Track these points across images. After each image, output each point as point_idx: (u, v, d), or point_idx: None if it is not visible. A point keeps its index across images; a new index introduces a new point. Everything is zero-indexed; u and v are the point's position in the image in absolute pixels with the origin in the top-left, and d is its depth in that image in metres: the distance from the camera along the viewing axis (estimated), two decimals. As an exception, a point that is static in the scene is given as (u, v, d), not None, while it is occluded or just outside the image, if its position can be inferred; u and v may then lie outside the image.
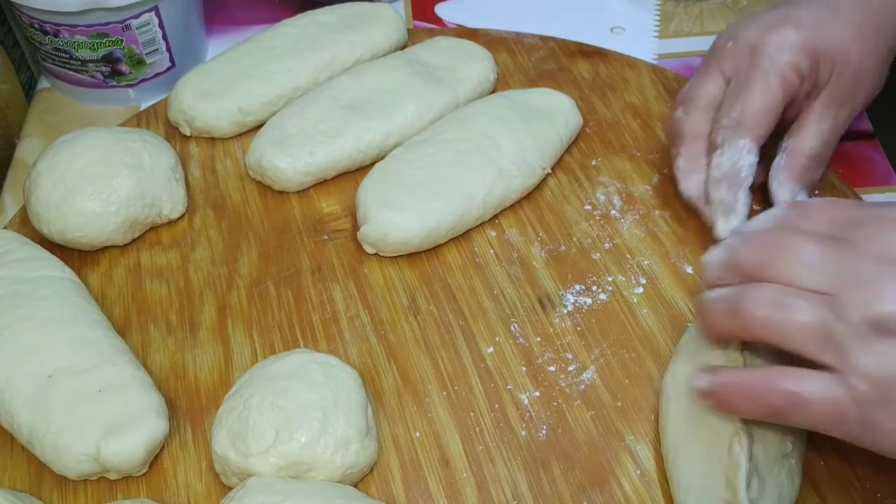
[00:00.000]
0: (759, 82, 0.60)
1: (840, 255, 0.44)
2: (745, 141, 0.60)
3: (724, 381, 0.47)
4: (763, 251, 0.47)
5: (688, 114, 0.64)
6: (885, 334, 0.42)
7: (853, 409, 0.43)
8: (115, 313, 0.64)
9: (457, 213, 0.66)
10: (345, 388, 0.54)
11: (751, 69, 0.61)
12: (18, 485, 0.56)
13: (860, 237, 0.44)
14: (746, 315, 0.46)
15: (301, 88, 0.75)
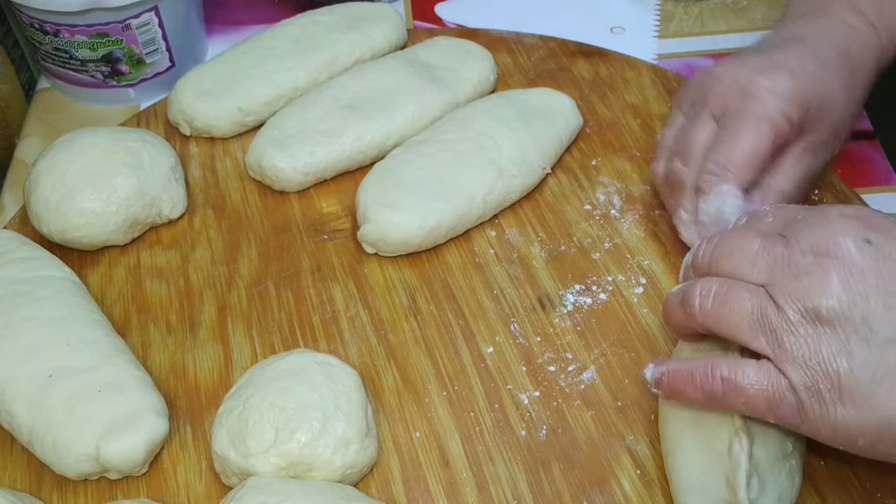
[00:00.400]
0: (749, 128, 0.58)
1: (779, 249, 0.47)
2: (728, 186, 0.58)
3: (667, 370, 0.50)
4: (714, 249, 0.50)
5: (686, 163, 0.62)
6: (818, 323, 0.44)
7: (788, 395, 0.45)
8: (114, 313, 0.64)
9: (457, 213, 0.66)
10: (345, 388, 0.54)
11: (740, 112, 0.59)
12: (18, 485, 0.56)
13: (798, 233, 0.47)
14: (693, 307, 0.49)
15: (301, 88, 0.75)
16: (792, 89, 0.58)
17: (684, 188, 0.61)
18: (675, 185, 0.62)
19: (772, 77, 0.59)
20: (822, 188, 0.69)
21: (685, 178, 0.61)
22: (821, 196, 0.68)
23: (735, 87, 0.60)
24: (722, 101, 0.60)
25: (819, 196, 0.68)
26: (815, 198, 0.68)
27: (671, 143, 0.64)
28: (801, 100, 0.58)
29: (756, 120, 0.58)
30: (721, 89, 0.61)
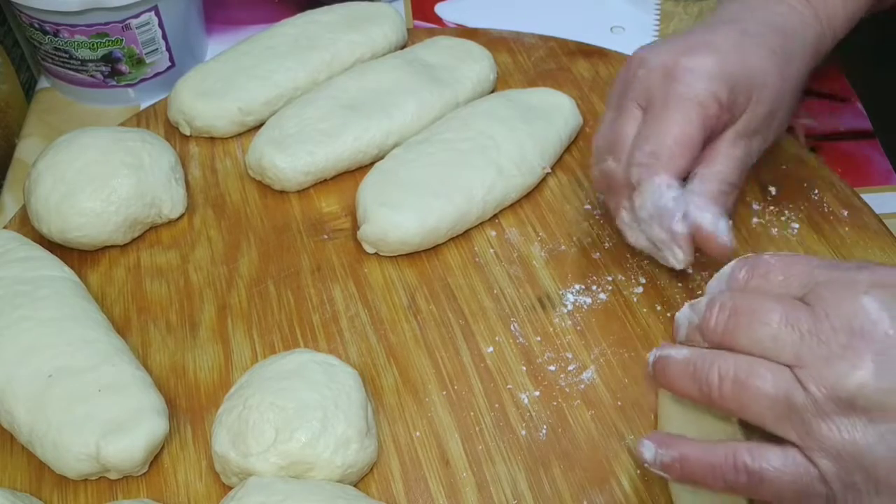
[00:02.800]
0: (676, 111, 0.55)
1: (805, 324, 0.42)
2: (661, 177, 0.55)
3: (680, 456, 0.45)
4: (728, 318, 0.44)
5: (618, 161, 0.58)
6: (851, 411, 0.40)
7: (818, 486, 0.41)
8: (114, 313, 0.64)
9: (457, 213, 0.66)
10: (345, 387, 0.54)
11: (665, 97, 0.56)
12: (18, 485, 0.56)
13: (824, 303, 0.42)
14: (712, 389, 0.44)
15: (301, 88, 0.75)
16: (716, 66, 0.56)
17: (619, 187, 0.58)
18: (610, 185, 0.59)
19: (694, 56, 0.56)
20: (822, 188, 0.69)
21: (617, 175, 0.58)
22: (821, 196, 0.68)
23: (658, 71, 0.57)
24: (645, 87, 0.57)
25: (819, 196, 0.68)
26: (815, 198, 0.68)
27: (603, 143, 0.60)
28: (727, 76, 0.56)
29: (681, 102, 0.55)
30: (644, 75, 0.58)
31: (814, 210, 0.68)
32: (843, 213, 0.67)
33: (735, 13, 0.61)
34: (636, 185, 0.56)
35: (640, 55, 0.59)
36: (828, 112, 0.78)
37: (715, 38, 0.57)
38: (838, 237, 0.66)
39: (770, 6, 0.60)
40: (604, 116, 0.62)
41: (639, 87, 0.58)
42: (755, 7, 0.60)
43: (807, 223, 0.67)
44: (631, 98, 0.58)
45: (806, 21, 0.60)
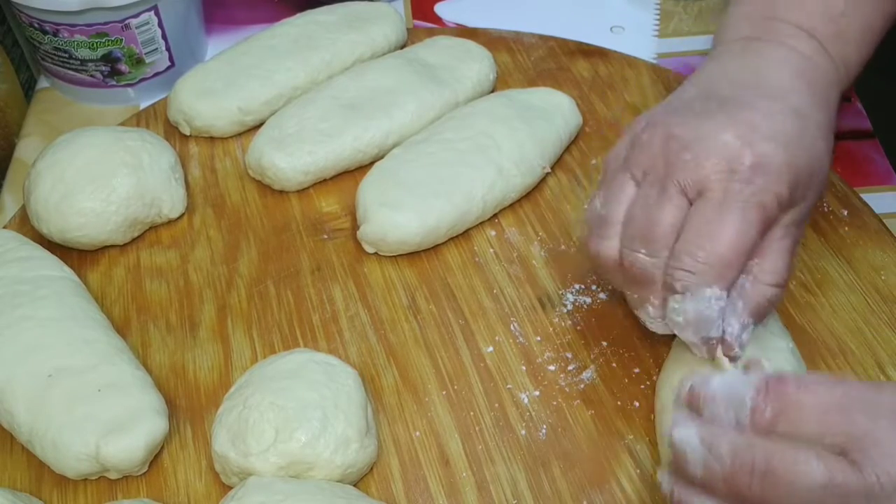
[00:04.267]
0: (735, 215, 0.48)
1: (852, 485, 0.37)
2: (713, 290, 0.49)
3: None
4: (763, 479, 0.39)
5: (655, 255, 0.50)
6: None
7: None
8: (114, 313, 0.64)
9: (456, 213, 0.66)
10: (345, 387, 0.54)
11: (724, 195, 0.48)
12: (18, 485, 0.56)
13: (872, 457, 0.38)
14: None
15: (301, 88, 0.75)
16: (780, 162, 0.49)
17: (652, 284, 0.51)
18: (640, 280, 0.51)
19: (756, 148, 0.49)
20: (821, 187, 0.69)
21: (654, 271, 0.50)
22: (820, 195, 0.68)
23: (714, 159, 0.49)
24: (696, 175, 0.49)
25: (819, 195, 0.68)
26: (814, 197, 0.68)
27: (622, 219, 0.52)
28: (793, 174, 0.49)
29: (743, 204, 0.48)
30: (691, 160, 0.49)
31: (814, 210, 0.68)
32: (843, 213, 0.67)
33: (756, 72, 0.54)
34: (679, 290, 0.49)
35: (678, 134, 0.51)
36: (828, 112, 0.78)
37: (773, 125, 0.50)
38: (838, 237, 0.66)
39: (793, 63, 0.54)
40: (617, 183, 0.53)
41: (685, 174, 0.49)
42: (779, 66, 0.54)
43: (807, 223, 0.67)
44: (673, 183, 0.50)
45: (830, 75, 0.55)
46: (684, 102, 0.53)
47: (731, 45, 0.57)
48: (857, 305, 0.62)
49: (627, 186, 0.53)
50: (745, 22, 0.58)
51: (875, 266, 0.64)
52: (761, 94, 0.52)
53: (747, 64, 0.55)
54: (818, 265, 0.64)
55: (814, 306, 0.62)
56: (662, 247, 0.50)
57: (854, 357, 0.59)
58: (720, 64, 0.56)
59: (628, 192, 0.52)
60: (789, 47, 0.55)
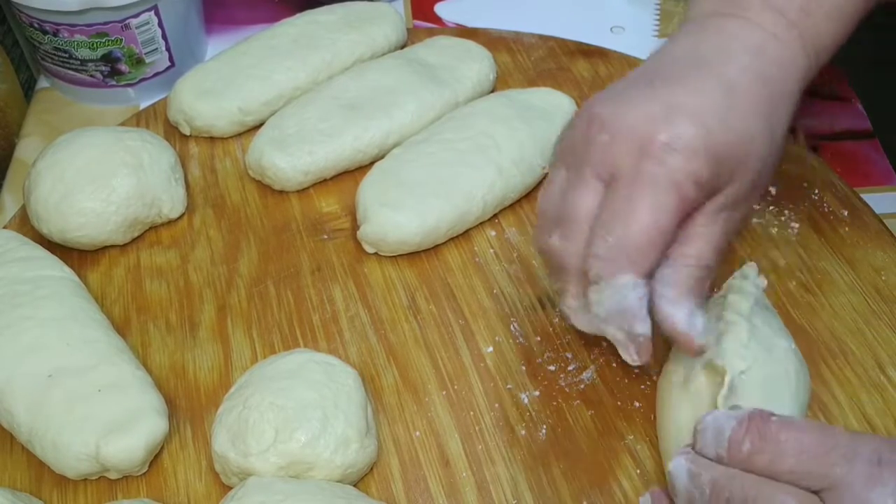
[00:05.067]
0: (647, 195, 0.46)
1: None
2: (627, 277, 0.46)
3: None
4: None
5: (567, 240, 0.48)
6: None
7: None
8: (114, 313, 0.64)
9: (456, 213, 0.66)
10: (345, 387, 0.54)
11: (635, 175, 0.46)
12: (18, 485, 0.56)
13: (841, 499, 0.38)
14: None
15: (301, 88, 0.75)
16: (699, 141, 0.46)
17: (567, 271, 0.49)
18: (556, 268, 0.50)
19: (672, 126, 0.46)
20: (821, 188, 0.69)
21: (567, 258, 0.49)
22: (821, 196, 0.68)
23: (626, 139, 0.47)
24: (609, 156, 0.47)
25: (819, 196, 0.68)
26: (815, 197, 0.68)
27: (550, 208, 0.51)
28: (711, 153, 0.46)
29: (655, 185, 0.46)
30: (606, 141, 0.47)
31: (814, 210, 0.68)
32: (843, 213, 0.67)
33: (704, 47, 0.50)
34: (593, 279, 0.47)
35: (598, 113, 0.48)
36: (828, 112, 0.78)
37: (696, 100, 0.47)
38: (838, 237, 0.66)
39: (749, 36, 0.50)
40: (552, 173, 0.52)
41: (600, 156, 0.48)
42: (731, 40, 0.50)
43: (807, 223, 0.67)
44: (589, 166, 0.48)
45: (793, 55, 0.51)
46: (623, 84, 0.51)
47: (692, 23, 0.53)
48: (858, 306, 0.62)
49: (558, 175, 0.51)
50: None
51: (875, 266, 0.64)
52: (694, 66, 0.49)
53: (700, 39, 0.51)
54: (818, 265, 0.64)
55: (814, 306, 0.62)
56: (575, 231, 0.48)
57: (854, 357, 0.59)
58: (673, 42, 0.53)
59: (558, 181, 0.51)
60: (751, 23, 0.51)
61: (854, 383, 0.58)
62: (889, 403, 0.57)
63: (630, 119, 0.47)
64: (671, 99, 0.47)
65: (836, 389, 0.58)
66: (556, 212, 0.50)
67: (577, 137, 0.50)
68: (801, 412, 0.52)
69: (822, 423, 0.42)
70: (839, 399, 0.58)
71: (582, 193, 0.48)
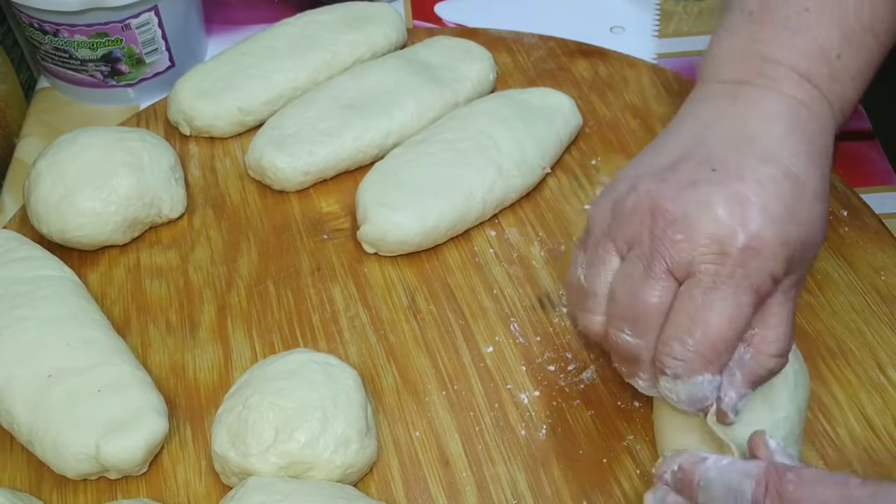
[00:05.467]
0: (727, 300, 0.45)
1: None
2: (705, 376, 0.47)
3: None
4: None
5: (642, 338, 0.48)
6: None
7: None
8: (114, 313, 0.64)
9: (456, 213, 0.66)
10: (344, 387, 0.54)
11: (715, 279, 0.46)
12: (18, 484, 0.56)
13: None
14: None
15: (300, 88, 0.75)
16: (774, 240, 0.46)
17: (641, 363, 0.49)
18: (627, 358, 0.50)
19: (748, 227, 0.45)
20: (821, 188, 0.69)
21: (642, 353, 0.48)
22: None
23: (704, 241, 0.46)
24: (685, 256, 0.46)
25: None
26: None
27: (605, 292, 0.50)
28: (786, 250, 0.46)
29: (735, 288, 0.45)
30: (682, 240, 0.46)
31: (814, 210, 0.68)
32: (843, 213, 0.67)
33: (747, 124, 0.49)
34: (671, 375, 0.47)
35: (663, 208, 0.47)
36: (828, 112, 0.78)
37: (766, 196, 0.46)
38: (838, 237, 0.66)
39: (786, 109, 0.50)
40: (599, 253, 0.50)
41: (674, 254, 0.46)
42: (771, 116, 0.50)
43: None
44: (661, 262, 0.47)
45: (826, 122, 0.51)
46: (669, 163, 0.49)
47: (719, 87, 0.52)
48: (857, 306, 0.62)
49: (610, 258, 0.50)
50: (733, 58, 0.53)
51: (875, 266, 0.64)
52: (752, 155, 0.48)
53: (737, 115, 0.50)
54: (818, 265, 0.64)
55: (814, 307, 0.62)
56: (649, 328, 0.48)
57: (854, 357, 0.59)
58: (707, 113, 0.52)
59: (611, 264, 0.50)
60: (784, 94, 0.50)
61: (854, 383, 0.58)
62: (889, 403, 0.57)
63: (707, 220, 0.46)
64: (740, 194, 0.46)
65: (836, 389, 0.58)
66: (620, 303, 0.49)
67: (637, 228, 0.48)
68: (800, 412, 0.52)
69: (838, 474, 0.41)
70: (839, 399, 0.58)
71: (654, 289, 0.47)
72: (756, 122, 0.50)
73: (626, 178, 0.50)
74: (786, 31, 0.52)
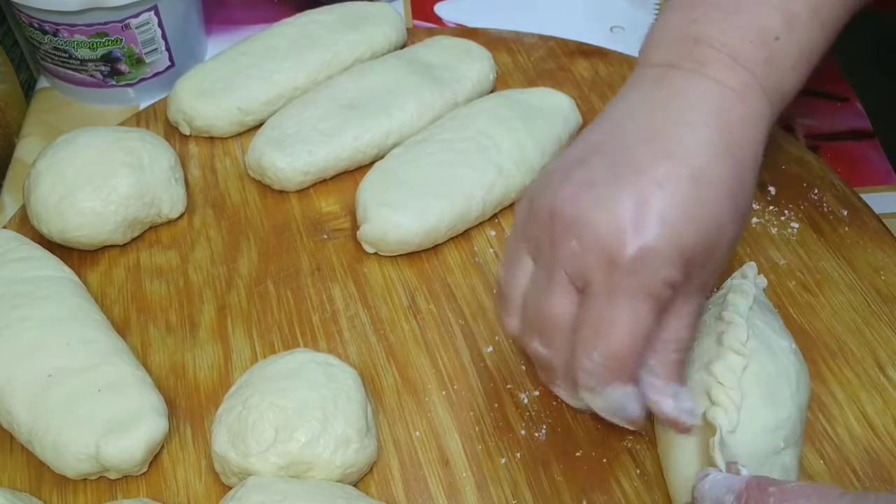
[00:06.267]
0: (624, 311, 0.44)
1: None
2: (615, 385, 0.47)
3: None
4: None
5: (551, 348, 0.48)
6: None
7: None
8: (114, 313, 0.64)
9: (456, 213, 0.66)
10: (344, 387, 0.54)
11: (612, 288, 0.44)
12: (18, 484, 0.56)
13: None
14: None
15: (300, 88, 0.75)
16: (669, 247, 0.44)
17: (555, 371, 0.49)
18: (544, 367, 0.50)
19: (641, 234, 0.44)
20: (822, 188, 0.69)
21: (554, 363, 0.48)
22: (821, 196, 0.68)
23: (595, 248, 0.44)
24: (579, 264, 0.45)
25: (819, 196, 0.68)
26: (814, 197, 0.68)
27: (519, 298, 0.49)
28: (684, 255, 0.44)
29: (630, 297, 0.44)
30: (576, 248, 0.45)
31: (813, 210, 0.68)
32: (842, 213, 0.67)
33: (663, 113, 0.47)
34: (587, 389, 0.47)
35: (562, 212, 0.46)
36: (828, 112, 0.78)
37: (663, 197, 0.44)
38: (838, 237, 0.66)
39: (710, 97, 0.47)
40: (514, 254, 0.49)
41: (570, 262, 0.46)
42: (692, 104, 0.47)
43: (806, 223, 0.67)
44: (560, 269, 0.46)
45: (758, 111, 0.48)
46: (582, 155, 0.47)
47: (649, 71, 0.50)
48: (857, 305, 0.62)
49: (522, 260, 0.49)
50: (667, 39, 0.50)
51: (875, 266, 0.64)
52: (659, 150, 0.46)
53: (658, 102, 0.48)
54: (818, 265, 0.64)
55: (814, 306, 0.62)
56: (556, 339, 0.47)
57: (854, 357, 0.60)
58: (632, 99, 0.49)
59: (524, 267, 0.49)
60: (710, 79, 0.47)
61: (854, 383, 0.58)
62: (889, 403, 0.57)
63: (598, 227, 0.44)
64: (635, 196, 0.44)
65: (836, 389, 0.58)
66: (530, 310, 0.48)
67: (541, 231, 0.47)
68: (801, 412, 0.52)
69: (819, 486, 0.41)
70: (839, 399, 0.58)
71: (558, 300, 0.47)
72: (674, 111, 0.47)
73: (546, 171, 0.49)
74: (721, 11, 0.48)
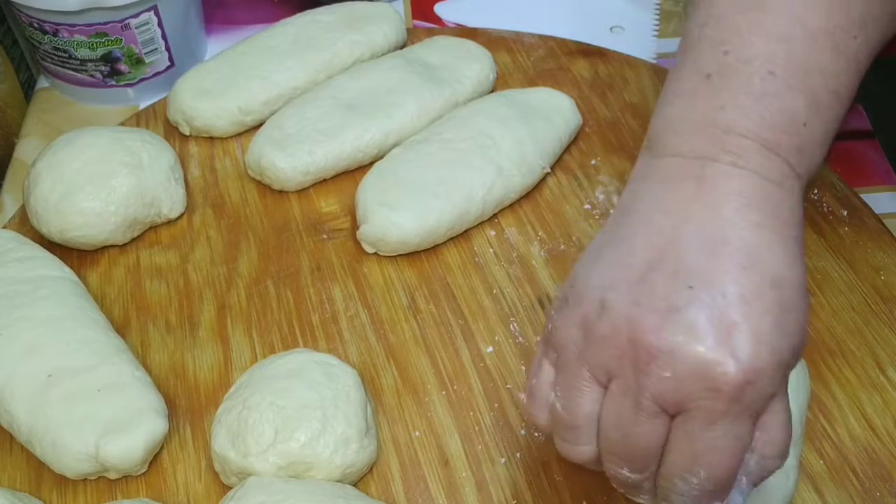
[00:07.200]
0: (727, 438, 0.42)
1: None
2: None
3: None
4: None
5: (641, 473, 0.45)
6: None
7: None
8: (114, 313, 0.64)
9: (456, 213, 0.66)
10: (344, 387, 0.54)
11: (712, 415, 0.42)
12: (18, 484, 0.56)
13: None
14: None
15: (300, 88, 0.75)
16: (769, 367, 0.42)
17: (642, 489, 0.46)
18: (626, 488, 0.47)
19: (740, 361, 0.41)
20: (821, 188, 0.69)
21: (645, 484, 0.46)
22: (821, 196, 0.68)
23: (693, 378, 0.41)
24: (672, 393, 0.42)
25: (819, 196, 0.68)
26: (815, 197, 0.68)
27: (587, 422, 0.45)
28: (781, 369, 0.43)
29: (734, 420, 0.42)
30: (669, 377, 0.42)
31: (813, 210, 0.68)
32: (842, 213, 0.67)
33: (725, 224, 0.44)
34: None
35: (639, 339, 0.42)
36: (827, 112, 0.78)
37: (751, 313, 0.42)
38: (838, 237, 0.66)
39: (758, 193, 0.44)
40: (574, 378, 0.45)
41: (662, 390, 0.42)
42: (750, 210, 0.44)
43: (807, 223, 0.67)
44: (647, 398, 0.43)
45: (797, 198, 0.46)
46: (640, 273, 0.44)
47: (681, 163, 0.46)
48: (857, 306, 0.62)
49: (589, 387, 0.45)
50: (691, 128, 0.46)
51: (875, 266, 0.64)
52: (732, 262, 0.43)
53: (708, 204, 0.44)
54: (818, 265, 0.64)
55: (814, 306, 0.62)
56: (646, 466, 0.45)
57: (854, 357, 0.60)
58: (674, 201, 0.45)
59: (591, 394, 0.45)
60: (752, 172, 0.44)
61: (854, 383, 0.58)
62: (888, 403, 0.57)
63: (694, 358, 0.41)
64: (726, 318, 0.41)
65: (836, 389, 0.58)
66: (617, 443, 0.45)
67: (616, 359, 0.43)
68: (801, 412, 0.52)
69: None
70: (839, 399, 0.58)
71: (647, 428, 0.43)
72: (729, 215, 0.44)
73: (591, 288, 0.45)
74: (749, 97, 0.45)
